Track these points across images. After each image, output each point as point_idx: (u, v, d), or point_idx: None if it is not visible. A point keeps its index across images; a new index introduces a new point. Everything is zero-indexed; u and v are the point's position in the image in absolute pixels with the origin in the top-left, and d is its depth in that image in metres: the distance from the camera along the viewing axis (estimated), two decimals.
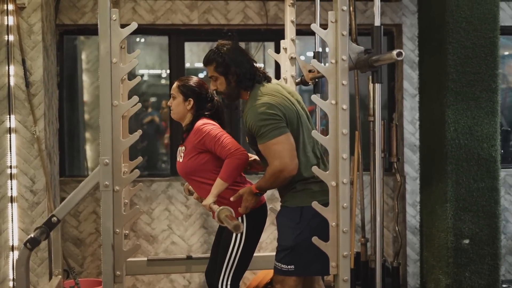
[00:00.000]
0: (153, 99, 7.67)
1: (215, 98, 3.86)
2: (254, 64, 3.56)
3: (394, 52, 3.00)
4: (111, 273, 3.23)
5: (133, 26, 3.28)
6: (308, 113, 3.63)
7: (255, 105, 3.36)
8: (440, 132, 4.97)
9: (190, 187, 4.23)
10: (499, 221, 4.94)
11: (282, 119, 3.34)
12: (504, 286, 5.30)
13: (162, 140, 7.61)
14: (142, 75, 7.08)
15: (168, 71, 8.17)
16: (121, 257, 3.29)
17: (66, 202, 3.36)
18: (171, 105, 3.85)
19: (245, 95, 3.52)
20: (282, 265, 3.46)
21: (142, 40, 6.90)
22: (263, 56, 7.68)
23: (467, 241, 4.89)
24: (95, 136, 6.70)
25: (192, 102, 3.77)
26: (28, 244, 3.17)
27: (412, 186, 6.06)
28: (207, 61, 3.55)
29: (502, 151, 6.40)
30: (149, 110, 7.64)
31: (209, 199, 3.56)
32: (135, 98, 3.30)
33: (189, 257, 4.58)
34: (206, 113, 3.78)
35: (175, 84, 3.84)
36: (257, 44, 6.85)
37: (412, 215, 6.08)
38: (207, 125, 3.65)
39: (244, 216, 3.62)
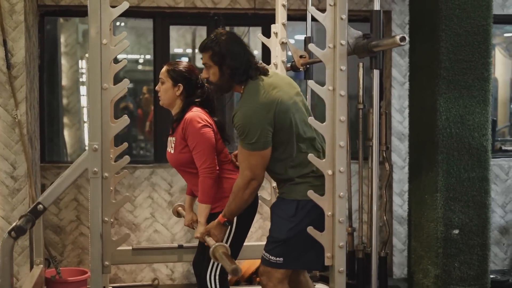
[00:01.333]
0: (130, 85, 7.53)
1: (205, 84, 3.72)
2: (252, 57, 3.39)
3: (398, 37, 2.91)
4: (100, 263, 3.12)
5: (124, 5, 3.16)
6: (307, 104, 3.53)
7: (246, 106, 3.25)
8: (431, 120, 4.89)
9: (179, 208, 4.15)
10: (488, 212, 4.89)
11: (269, 129, 3.22)
12: (492, 276, 5.25)
13: (140, 127, 7.48)
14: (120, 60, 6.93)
15: (146, 57, 8.02)
16: (110, 247, 3.17)
17: (53, 189, 3.23)
18: (159, 90, 3.70)
19: (239, 88, 3.37)
20: (270, 257, 3.37)
21: (120, 24, 6.75)
22: (248, 42, 7.56)
23: (456, 231, 4.84)
24: (73, 122, 6.55)
25: (181, 88, 3.64)
26: (13, 232, 3.04)
27: (400, 175, 6.01)
28: (203, 48, 3.39)
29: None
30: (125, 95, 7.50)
31: (200, 229, 3.50)
32: (126, 81, 3.18)
33: (180, 246, 4.48)
34: (196, 100, 3.65)
35: (164, 69, 3.70)
36: (243, 29, 6.72)
37: (399, 205, 6.02)
38: (195, 122, 3.52)
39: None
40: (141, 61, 8.42)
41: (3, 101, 4.81)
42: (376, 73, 3.32)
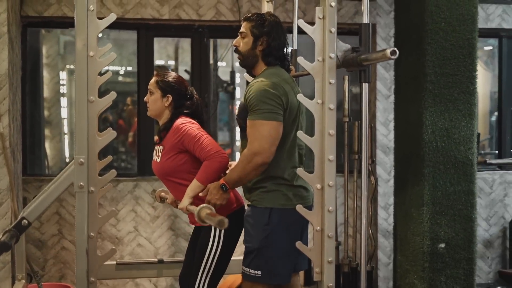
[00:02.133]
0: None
1: (195, 95, 3.69)
2: (286, 49, 3.44)
3: (388, 51, 2.89)
4: (85, 279, 3.06)
5: (112, 17, 3.13)
6: (305, 119, 3.52)
7: (264, 81, 3.23)
8: (417, 134, 4.88)
9: (162, 193, 4.06)
10: (474, 225, 4.88)
11: (282, 106, 3.21)
12: None
13: (122, 139, 7.42)
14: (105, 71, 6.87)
15: (127, 68, 7.98)
16: (96, 262, 3.11)
17: (38, 203, 3.17)
18: (147, 101, 3.65)
19: (260, 69, 3.38)
20: (250, 270, 3.34)
21: (101, 35, 6.69)
22: (232, 54, 7.55)
23: (443, 245, 4.82)
24: (54, 134, 6.46)
25: (170, 99, 3.58)
26: None
27: (384, 189, 5.99)
28: (248, 18, 3.42)
29: (479, 154, 6.41)
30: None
31: (185, 201, 3.39)
32: (113, 94, 3.13)
33: (160, 261, 4.40)
34: (185, 111, 3.60)
35: (153, 79, 3.64)
36: (227, 42, 6.70)
37: (384, 218, 6.00)
38: (187, 124, 3.48)
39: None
40: (122, 72, 8.38)
41: None
42: (365, 86, 3.30)
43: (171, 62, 8.26)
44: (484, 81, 7.57)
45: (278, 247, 3.25)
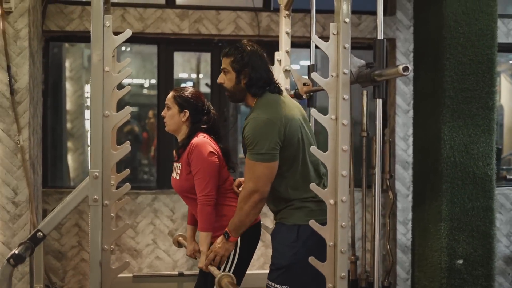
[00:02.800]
0: (134, 109, 7.52)
1: (212, 110, 3.71)
2: (272, 75, 3.41)
3: (401, 67, 2.88)
4: None
5: (127, 33, 3.14)
6: (312, 131, 3.52)
7: (258, 118, 3.23)
8: (436, 149, 4.87)
9: (179, 239, 4.11)
10: (493, 242, 4.84)
11: (278, 142, 3.21)
12: None
13: (144, 150, 7.46)
14: (125, 85, 6.93)
15: (151, 81, 8.04)
16: (109, 275, 3.13)
17: (53, 216, 3.20)
18: (165, 116, 3.69)
19: (251, 101, 3.37)
20: (276, 285, 3.33)
21: (125, 49, 6.77)
22: None
23: (461, 262, 4.79)
24: (77, 146, 6.53)
25: (187, 114, 3.61)
26: (11, 260, 3.00)
27: (403, 204, 5.96)
28: (226, 53, 3.40)
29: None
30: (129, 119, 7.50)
31: (203, 258, 3.45)
32: (128, 109, 3.16)
33: (180, 274, 4.43)
34: (202, 126, 3.63)
35: (170, 94, 3.68)
36: None
37: (403, 233, 5.97)
38: (202, 148, 3.50)
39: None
40: (146, 85, 8.44)
41: (6, 126, 4.80)
42: (379, 102, 3.30)
43: (194, 75, 8.30)
44: (510, 95, 7.52)
45: (307, 264, 3.24)
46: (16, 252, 3.00)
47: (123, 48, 6.69)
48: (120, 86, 3.82)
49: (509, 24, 6.17)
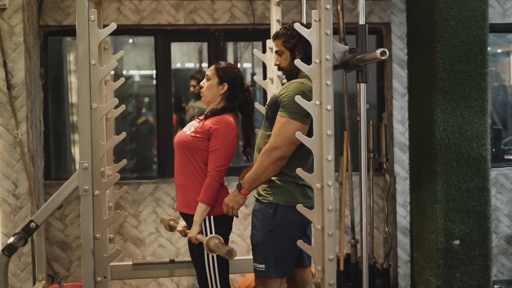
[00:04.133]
0: (146, 100, 7.59)
1: (249, 90, 3.80)
2: None
3: (378, 51, 2.94)
4: (92, 279, 3.17)
5: (112, 26, 3.21)
6: None
7: (304, 84, 3.37)
8: (429, 131, 4.91)
9: (171, 222, 4.18)
10: (489, 222, 4.88)
11: (310, 115, 3.30)
12: (495, 286, 5.24)
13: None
14: (129, 77, 7.00)
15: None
16: (102, 263, 3.22)
17: (45, 207, 3.29)
18: (203, 86, 3.75)
19: (301, 74, 3.48)
20: (257, 265, 3.46)
21: (132, 40, 6.83)
22: (251, 56, 7.62)
23: (457, 242, 4.83)
24: None
25: (226, 87, 3.68)
26: (5, 251, 3.10)
27: (403, 186, 6.00)
28: (276, 35, 3.57)
29: (493, 150, 6.36)
30: (143, 110, 7.56)
31: (194, 230, 3.53)
32: (115, 100, 3.24)
33: (171, 261, 4.52)
34: (236, 104, 3.71)
35: (213, 66, 3.75)
36: (245, 44, 6.78)
37: (403, 216, 6.01)
38: (229, 128, 3.58)
39: (209, 223, 3.56)
40: (155, 76, 8.50)
41: (4, 121, 4.89)
42: (362, 86, 3.35)
43: (197, 65, 8.36)
44: None
45: (281, 242, 3.35)
46: (9, 242, 3.10)
47: (129, 40, 6.75)
48: (117, 78, 3.89)
49: (505, 4, 6.16)
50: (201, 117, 3.70)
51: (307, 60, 3.40)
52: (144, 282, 5.78)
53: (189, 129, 3.67)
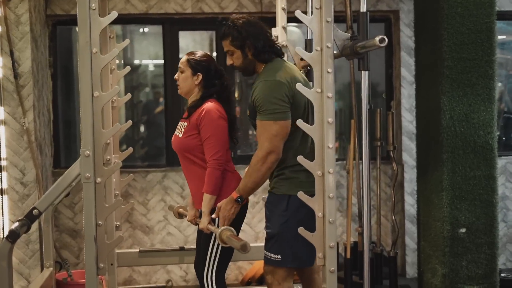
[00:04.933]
0: (160, 90, 7.60)
1: (224, 75, 3.79)
2: (271, 37, 3.49)
3: (377, 38, 2.93)
4: (94, 265, 3.19)
5: (113, 15, 3.22)
6: None
7: (268, 80, 3.31)
8: (436, 119, 4.89)
9: (180, 210, 4.20)
10: (496, 210, 4.86)
11: (289, 102, 3.28)
12: (503, 275, 5.21)
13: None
14: (139, 66, 7.01)
15: None
16: (104, 249, 3.25)
17: (47, 194, 3.32)
18: (178, 79, 3.77)
19: (259, 68, 3.45)
20: (270, 254, 3.43)
21: (146, 30, 6.82)
22: None
23: (463, 230, 4.82)
24: None
25: (200, 77, 3.69)
26: (8, 237, 3.13)
27: (411, 175, 6.00)
28: (222, 36, 3.48)
29: (504, 138, 6.33)
30: (161, 100, 7.58)
31: (204, 221, 3.53)
32: (116, 88, 3.25)
33: (181, 248, 4.55)
34: (214, 90, 3.71)
35: (184, 58, 3.75)
36: None
37: (411, 204, 6.01)
38: (213, 113, 3.57)
39: None
40: None
41: (11, 109, 4.94)
42: (364, 74, 3.35)
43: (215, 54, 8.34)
44: None
45: (297, 233, 3.33)
46: (12, 228, 3.13)
47: (141, 30, 6.74)
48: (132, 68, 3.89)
49: None
50: (185, 116, 3.73)
51: (258, 54, 3.40)
52: (153, 269, 5.83)
53: (180, 131, 3.70)
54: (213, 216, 3.47)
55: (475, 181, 4.82)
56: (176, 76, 3.78)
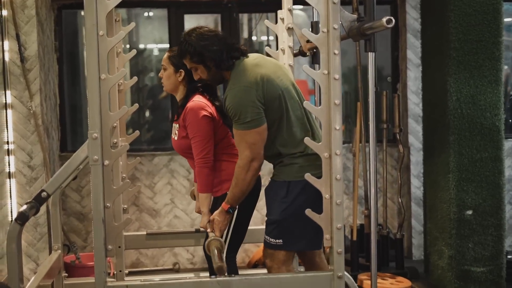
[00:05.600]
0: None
1: None
2: (229, 41, 3.43)
3: (384, 20, 2.93)
4: (103, 247, 3.21)
5: None
6: (297, 86, 3.54)
7: (234, 88, 3.28)
8: (442, 101, 4.88)
9: (196, 192, 4.21)
10: (502, 192, 4.86)
11: (261, 104, 3.25)
12: (509, 257, 5.21)
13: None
14: (143, 50, 7.00)
15: None
16: (112, 231, 3.27)
17: (56, 177, 3.35)
18: (161, 77, 3.78)
19: (228, 74, 3.41)
20: (270, 239, 3.43)
21: (151, 13, 6.80)
22: (266, 27, 7.59)
23: (470, 212, 4.83)
24: None
25: (183, 74, 3.69)
26: (18, 220, 3.15)
27: (417, 157, 6.00)
28: (180, 55, 3.46)
29: (510, 120, 6.32)
30: None
31: (204, 219, 3.56)
32: (123, 71, 3.25)
33: (186, 231, 4.58)
34: (199, 85, 3.70)
35: (165, 55, 3.75)
36: (260, 15, 6.76)
37: (417, 187, 6.02)
38: (195, 112, 3.56)
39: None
40: None
41: (18, 93, 4.96)
42: (371, 56, 3.34)
43: None
44: None
45: (298, 219, 3.34)
46: (21, 210, 3.15)
47: (147, 14, 6.72)
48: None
49: None
50: (175, 118, 3.73)
51: (220, 64, 3.34)
52: (160, 252, 5.87)
53: (175, 133, 3.72)
54: (208, 230, 3.47)
55: (482, 163, 4.82)
56: (160, 74, 3.79)
